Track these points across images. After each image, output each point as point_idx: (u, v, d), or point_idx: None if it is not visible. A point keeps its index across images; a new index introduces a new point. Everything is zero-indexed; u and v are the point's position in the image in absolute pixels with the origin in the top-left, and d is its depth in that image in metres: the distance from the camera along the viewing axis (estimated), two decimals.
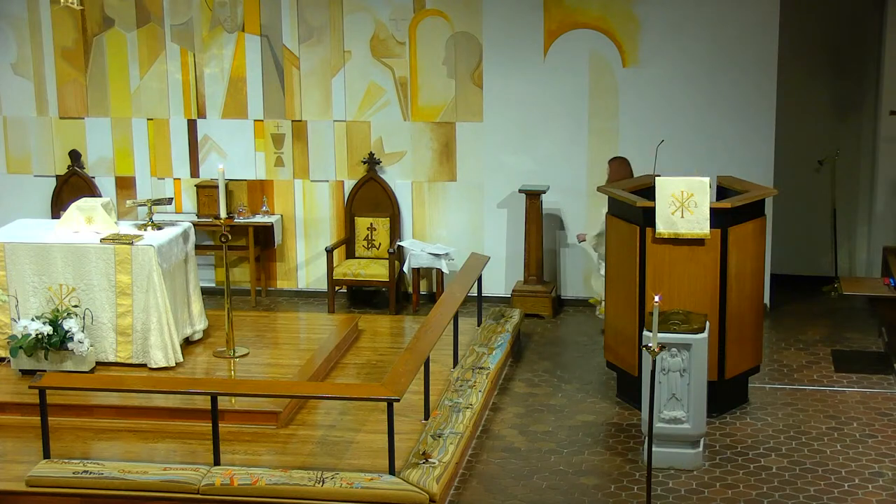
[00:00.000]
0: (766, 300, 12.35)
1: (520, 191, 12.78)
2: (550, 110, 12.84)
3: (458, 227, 13.12)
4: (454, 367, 10.91)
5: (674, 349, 9.22)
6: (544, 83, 12.81)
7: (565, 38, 12.71)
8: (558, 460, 9.52)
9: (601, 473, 9.30)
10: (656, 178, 10.07)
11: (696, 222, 9.88)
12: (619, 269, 10.43)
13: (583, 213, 12.92)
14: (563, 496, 8.95)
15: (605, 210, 10.72)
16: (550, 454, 9.63)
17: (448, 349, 11.02)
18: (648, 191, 10.27)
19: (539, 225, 12.74)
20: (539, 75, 12.80)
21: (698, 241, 9.94)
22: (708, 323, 9.52)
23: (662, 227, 9.93)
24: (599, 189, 10.75)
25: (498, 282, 13.00)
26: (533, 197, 12.71)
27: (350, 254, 13.26)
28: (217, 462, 8.95)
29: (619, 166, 11.95)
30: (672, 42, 12.55)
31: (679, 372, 9.27)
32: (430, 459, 8.94)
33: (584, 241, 12.29)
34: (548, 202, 12.86)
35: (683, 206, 9.88)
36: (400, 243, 12.97)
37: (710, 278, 10.01)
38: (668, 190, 9.89)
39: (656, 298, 8.01)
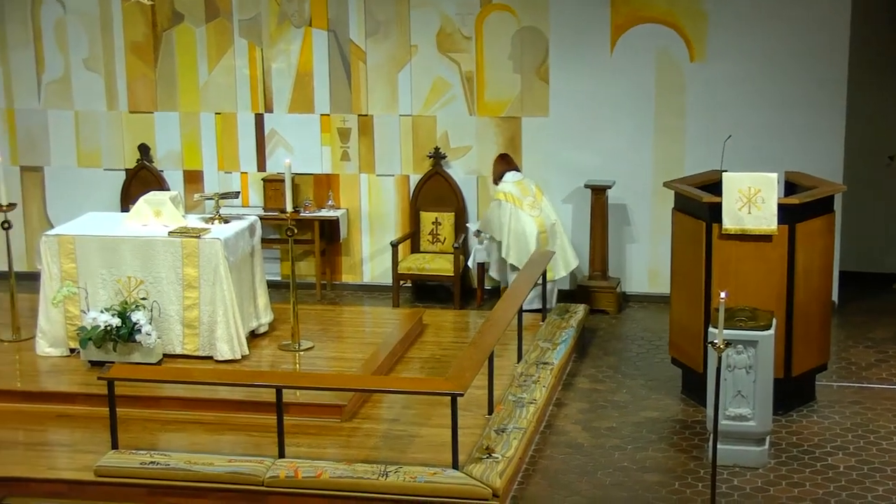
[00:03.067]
0: (835, 297, 12.22)
1: (585, 186, 12.74)
2: (617, 105, 12.78)
3: None
4: (518, 362, 10.89)
5: (740, 346, 9.14)
6: (611, 78, 12.75)
7: (632, 33, 12.64)
8: (622, 456, 9.48)
9: (665, 470, 9.25)
10: (723, 173, 9.99)
11: (764, 218, 9.79)
12: (685, 265, 10.36)
13: (648, 209, 12.86)
14: (627, 492, 8.91)
15: (671, 206, 10.66)
16: (614, 450, 9.60)
17: (512, 344, 11.01)
18: (715, 186, 10.19)
19: (604, 221, 12.70)
20: (605, 70, 12.74)
21: (765, 238, 9.86)
22: (774, 320, 9.44)
23: (729, 222, 9.85)
24: (666, 184, 10.69)
25: (563, 277, 12.95)
26: (598, 192, 12.67)
27: (415, 248, 13.29)
28: (282, 454, 9.00)
29: (497, 163, 12.65)
30: (740, 36, 12.44)
31: (745, 369, 9.20)
32: (493, 454, 8.94)
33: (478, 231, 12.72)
34: (613, 198, 12.80)
35: (751, 201, 9.79)
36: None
37: (777, 275, 9.92)
38: (736, 185, 9.81)
39: (722, 295, 7.95)
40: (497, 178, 12.63)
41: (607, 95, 12.79)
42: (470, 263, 13.02)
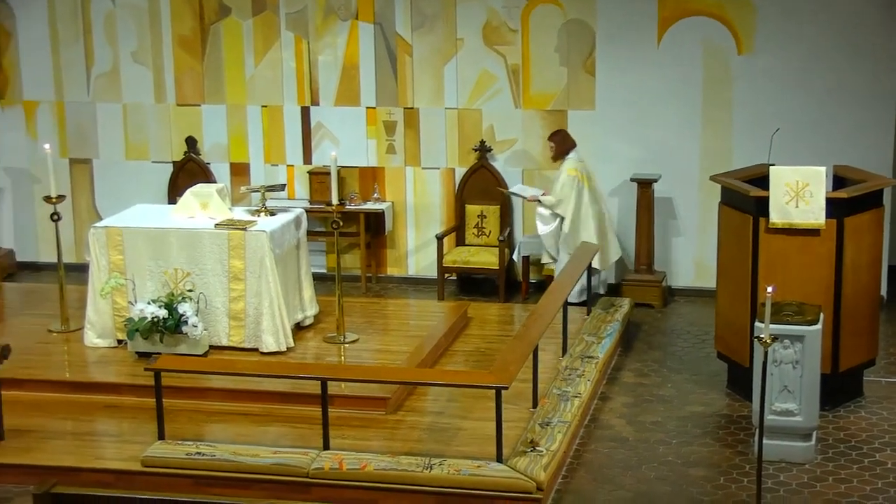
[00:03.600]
0: (883, 292, 12.12)
1: (631, 179, 12.70)
2: (663, 98, 12.73)
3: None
4: (563, 356, 10.87)
5: (786, 341, 9.08)
6: (657, 71, 12.69)
7: (679, 25, 12.58)
8: (667, 451, 9.45)
9: (710, 465, 9.21)
10: (771, 167, 9.93)
11: (811, 212, 9.72)
12: (732, 259, 10.30)
13: (694, 203, 12.80)
14: (671, 487, 8.88)
15: (718, 199, 10.60)
16: (659, 444, 9.56)
17: (557, 337, 10.98)
18: (762, 180, 10.12)
19: (650, 214, 12.65)
20: (652, 63, 12.69)
21: (813, 232, 9.78)
22: (822, 315, 9.37)
23: (776, 216, 9.79)
24: (713, 178, 10.63)
25: (608, 271, 12.92)
26: (644, 186, 12.62)
27: (460, 241, 13.29)
28: (326, 446, 9.03)
29: (564, 138, 12.42)
30: (788, 29, 12.35)
31: (791, 364, 9.14)
32: (537, 448, 8.93)
33: (539, 200, 12.47)
34: (659, 191, 12.75)
35: (798, 195, 9.72)
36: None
37: (825, 269, 9.84)
38: (783, 179, 9.74)
39: (769, 289, 7.90)
40: (561, 155, 12.50)
41: (654, 88, 12.73)
42: (515, 257, 13.01)
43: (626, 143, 12.88)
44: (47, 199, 11.51)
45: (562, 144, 12.47)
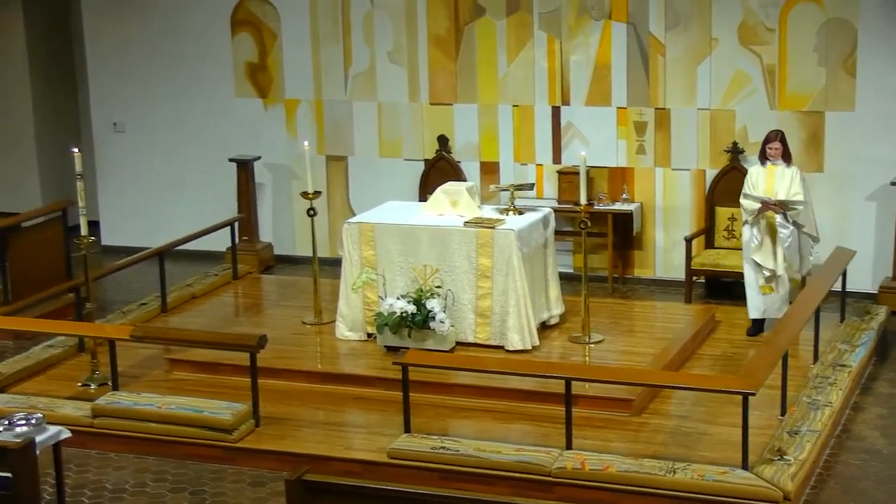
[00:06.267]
0: None
1: (892, 183, 12.25)
2: None
3: (824, 220, 12.62)
4: (814, 363, 10.58)
5: None
6: None
7: None
8: None
9: None
10: None
11: None
12: None
13: None
14: None
15: None
16: None
17: (808, 344, 10.70)
18: None
19: None
20: None
21: None
22: None
23: None
24: None
25: (864, 278, 12.51)
26: None
27: (709, 244, 13.08)
28: (569, 446, 9.04)
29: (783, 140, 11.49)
30: None
31: None
32: (785, 456, 8.72)
33: (780, 211, 11.45)
34: None
35: None
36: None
37: None
38: None
39: None
40: (788, 157, 11.61)
41: None
42: None
43: (887, 144, 12.43)
44: (304, 194, 11.87)
45: (787, 146, 11.73)
